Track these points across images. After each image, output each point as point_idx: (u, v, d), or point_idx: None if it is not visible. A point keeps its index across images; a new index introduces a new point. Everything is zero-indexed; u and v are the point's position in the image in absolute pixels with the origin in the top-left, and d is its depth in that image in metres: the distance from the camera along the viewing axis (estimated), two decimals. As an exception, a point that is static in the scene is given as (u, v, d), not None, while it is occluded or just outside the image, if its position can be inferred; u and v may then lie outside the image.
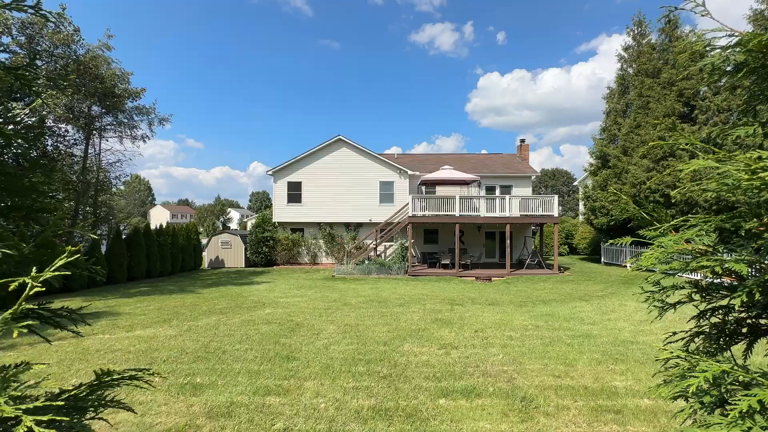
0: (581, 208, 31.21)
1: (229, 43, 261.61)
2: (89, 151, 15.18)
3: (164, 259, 18.62)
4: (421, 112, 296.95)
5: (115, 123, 15.15)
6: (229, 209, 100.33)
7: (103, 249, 16.49)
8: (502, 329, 7.16)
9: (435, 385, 4.47)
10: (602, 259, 23.31)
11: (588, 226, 26.56)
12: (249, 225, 38.58)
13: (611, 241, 2.43)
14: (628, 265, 20.70)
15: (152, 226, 20.10)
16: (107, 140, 16.57)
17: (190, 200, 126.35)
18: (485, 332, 6.93)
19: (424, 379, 4.65)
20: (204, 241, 25.51)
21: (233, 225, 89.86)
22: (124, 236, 16.53)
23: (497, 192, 22.62)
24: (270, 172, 22.59)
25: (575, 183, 37.42)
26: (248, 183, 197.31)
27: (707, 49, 1.77)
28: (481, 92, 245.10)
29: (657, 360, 1.79)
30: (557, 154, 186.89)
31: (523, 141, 26.01)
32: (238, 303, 10.23)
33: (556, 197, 18.31)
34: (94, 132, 14.65)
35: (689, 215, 1.85)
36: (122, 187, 17.79)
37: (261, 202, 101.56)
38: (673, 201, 15.75)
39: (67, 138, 13.68)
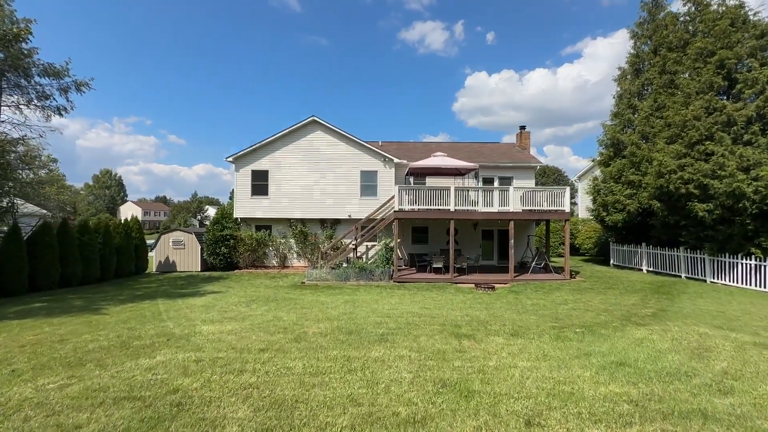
0: (582, 204, 28.65)
1: (213, 36, 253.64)
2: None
3: (90, 262, 14.91)
4: (408, 110, 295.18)
5: (4, 85, 11.30)
6: (207, 207, 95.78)
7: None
8: (578, 421, 3.72)
9: None
10: (611, 261, 20.66)
11: (594, 224, 23.85)
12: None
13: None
14: (644, 269, 18.05)
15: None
16: (8, 109, 12.75)
17: (170, 197, 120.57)
18: (548, 430, 3.57)
19: None
20: (151, 241, 21.72)
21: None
22: (25, 234, 12.80)
23: (496, 184, 19.66)
24: (230, 159, 19.06)
25: (574, 179, 34.91)
26: (232, 181, 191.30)
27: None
28: (469, 91, 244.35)
29: None
30: (541, 154, 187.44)
31: (523, 128, 23.06)
32: (132, 336, 6.75)
33: (567, 189, 15.40)
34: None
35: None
36: (31, 171, 13.83)
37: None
38: (712, 193, 13.00)
39: None
